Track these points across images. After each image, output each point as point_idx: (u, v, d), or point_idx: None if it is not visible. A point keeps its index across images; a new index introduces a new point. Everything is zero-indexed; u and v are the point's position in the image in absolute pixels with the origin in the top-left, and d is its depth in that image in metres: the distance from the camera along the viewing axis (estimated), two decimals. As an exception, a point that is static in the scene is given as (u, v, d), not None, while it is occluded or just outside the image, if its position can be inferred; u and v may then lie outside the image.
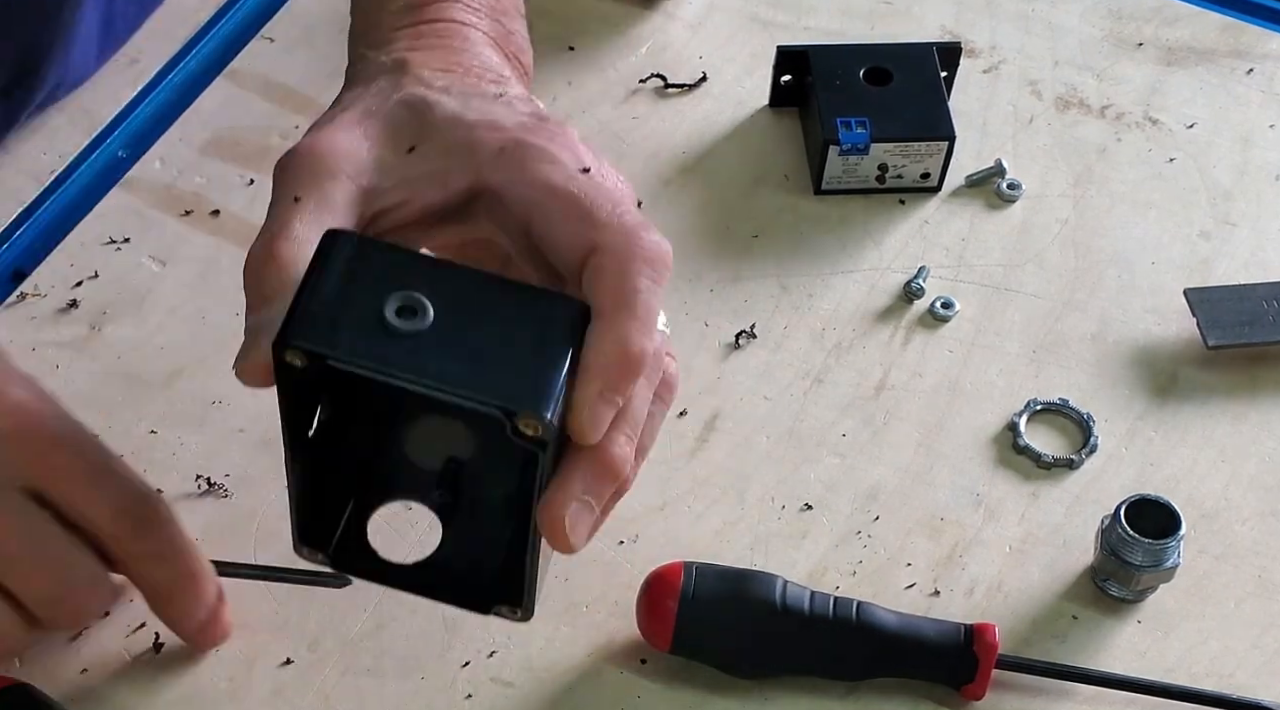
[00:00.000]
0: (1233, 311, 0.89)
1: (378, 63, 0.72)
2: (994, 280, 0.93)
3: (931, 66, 0.96)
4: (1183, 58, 1.03)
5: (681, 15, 1.03)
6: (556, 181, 0.67)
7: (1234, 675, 0.80)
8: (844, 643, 0.77)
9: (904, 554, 0.83)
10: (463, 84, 0.71)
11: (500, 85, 0.72)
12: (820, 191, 0.95)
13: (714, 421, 0.87)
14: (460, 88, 0.71)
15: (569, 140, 0.69)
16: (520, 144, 0.68)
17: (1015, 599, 0.81)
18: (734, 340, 0.90)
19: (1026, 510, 0.84)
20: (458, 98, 0.70)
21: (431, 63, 0.72)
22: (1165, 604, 0.81)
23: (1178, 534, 0.79)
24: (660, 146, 0.97)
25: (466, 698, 0.78)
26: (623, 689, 0.78)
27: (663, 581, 0.77)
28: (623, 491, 0.68)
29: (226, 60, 0.99)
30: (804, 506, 0.84)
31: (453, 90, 0.70)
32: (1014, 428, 0.87)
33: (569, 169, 0.68)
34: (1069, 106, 1.00)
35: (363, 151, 0.68)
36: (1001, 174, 0.96)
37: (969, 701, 0.78)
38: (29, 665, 0.77)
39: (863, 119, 0.94)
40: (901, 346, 0.90)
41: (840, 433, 0.87)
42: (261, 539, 0.81)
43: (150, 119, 0.97)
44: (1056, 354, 0.90)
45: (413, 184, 0.68)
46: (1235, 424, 0.88)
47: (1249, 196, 0.97)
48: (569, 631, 0.80)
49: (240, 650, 0.78)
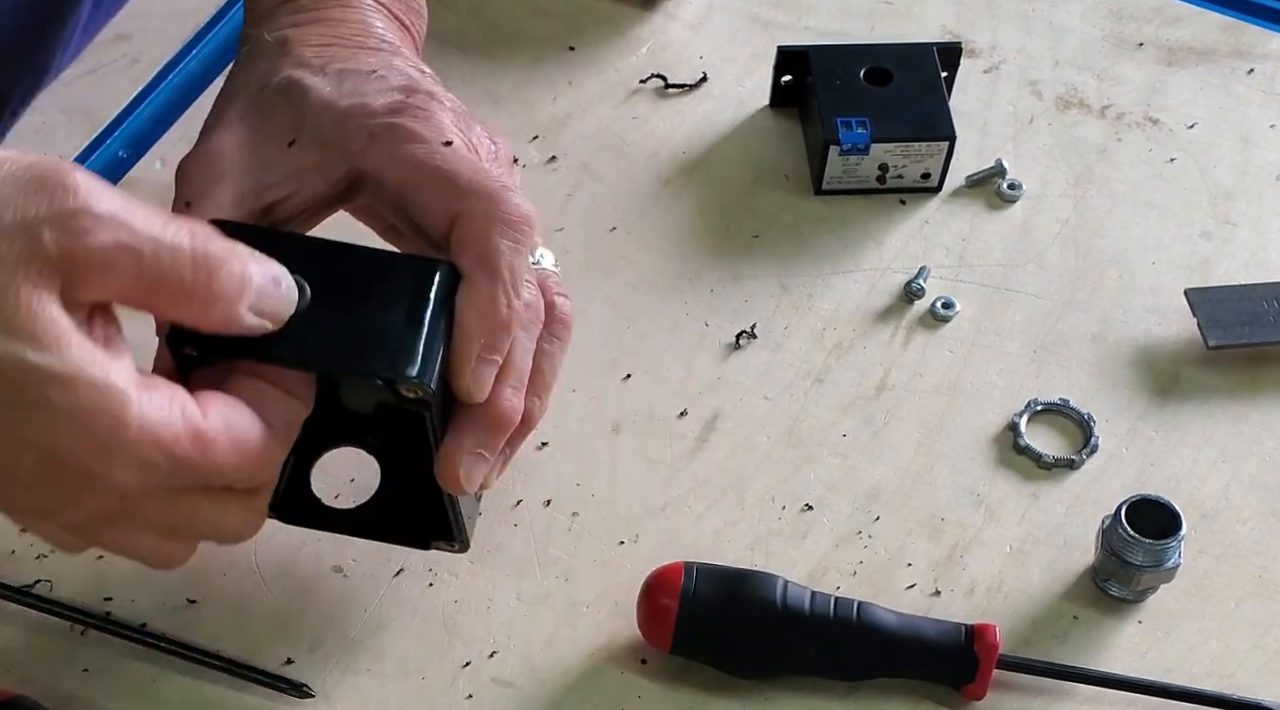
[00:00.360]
0: (1233, 311, 0.89)
1: (261, 42, 0.76)
2: (994, 280, 0.93)
3: (932, 66, 0.96)
4: (1183, 58, 1.03)
5: (681, 15, 1.03)
6: (420, 158, 0.72)
7: (1234, 675, 0.80)
8: (844, 643, 0.77)
9: (904, 554, 0.83)
10: (341, 61, 0.75)
11: (379, 55, 0.76)
12: (820, 191, 0.95)
13: (714, 421, 0.87)
14: (338, 65, 0.75)
15: (433, 115, 0.73)
16: (388, 128, 0.72)
17: (1015, 599, 0.81)
18: (734, 340, 0.90)
19: (1027, 510, 0.84)
20: (333, 79, 0.74)
21: (310, 39, 0.76)
22: (1166, 604, 0.81)
23: (1178, 534, 0.79)
24: (660, 146, 0.97)
25: (467, 698, 0.78)
26: (623, 689, 0.78)
27: (663, 581, 0.77)
28: (526, 432, 0.74)
29: (226, 60, 0.99)
30: (804, 506, 0.84)
31: (329, 70, 0.74)
32: (1014, 428, 0.87)
33: (432, 145, 0.72)
34: (1069, 106, 1.00)
35: (246, 152, 0.73)
36: (1002, 174, 0.96)
37: (969, 701, 0.78)
38: (30, 666, 0.77)
39: (863, 119, 0.94)
40: (902, 346, 0.90)
41: (840, 433, 0.87)
42: (261, 539, 0.81)
43: (150, 119, 0.97)
44: (1057, 354, 0.90)
45: (297, 177, 0.73)
46: (1236, 424, 0.88)
47: (1249, 196, 0.97)
48: (569, 631, 0.80)
49: (241, 651, 0.78)
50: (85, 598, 0.79)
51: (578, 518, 0.83)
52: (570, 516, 0.83)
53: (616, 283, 0.91)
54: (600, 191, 0.95)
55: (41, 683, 0.77)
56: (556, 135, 0.97)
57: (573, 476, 0.84)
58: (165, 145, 0.95)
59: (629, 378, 0.88)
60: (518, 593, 0.81)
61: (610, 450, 0.85)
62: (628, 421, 0.86)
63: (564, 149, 0.96)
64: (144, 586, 0.79)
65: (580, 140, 0.97)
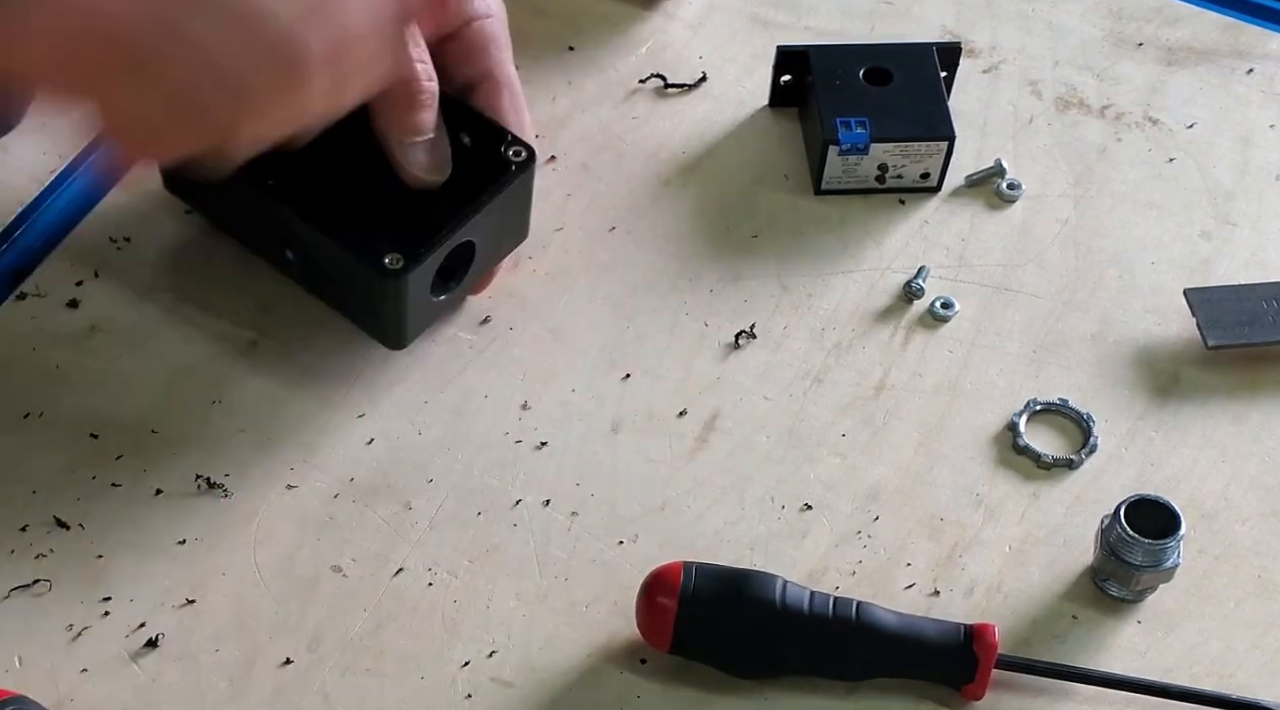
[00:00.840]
0: (1233, 311, 0.89)
1: None
2: (994, 280, 0.93)
3: (931, 66, 0.96)
4: (1183, 58, 1.03)
5: (681, 15, 1.03)
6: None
7: (1234, 675, 0.80)
8: (844, 643, 0.77)
9: (904, 554, 0.83)
10: None
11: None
12: (820, 191, 0.95)
13: (714, 421, 0.87)
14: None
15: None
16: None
17: (1015, 599, 0.81)
18: (734, 340, 0.90)
19: (1026, 510, 0.84)
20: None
21: None
22: (1165, 604, 0.81)
23: (1177, 534, 0.79)
24: (660, 146, 0.97)
25: (466, 697, 0.78)
26: (623, 689, 0.78)
27: (662, 581, 0.77)
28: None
29: (226, 60, 0.99)
30: (804, 506, 0.84)
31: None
32: (1014, 428, 0.87)
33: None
34: (1069, 106, 1.00)
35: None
36: (1001, 174, 0.96)
37: (969, 701, 0.78)
38: (29, 666, 0.77)
39: (863, 119, 0.94)
40: (901, 346, 0.90)
41: (840, 433, 0.87)
42: (261, 539, 0.81)
43: (150, 119, 0.97)
44: (1056, 354, 0.90)
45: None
46: (1235, 424, 0.88)
47: (1249, 196, 0.97)
48: (568, 631, 0.80)
49: (240, 650, 0.78)
50: (84, 597, 0.79)
51: (577, 517, 0.83)
52: (570, 516, 0.83)
53: (616, 283, 0.91)
54: (600, 191, 0.95)
55: (40, 682, 0.77)
56: (556, 135, 0.97)
57: (572, 476, 0.84)
58: (165, 145, 0.95)
59: (628, 378, 0.88)
60: (517, 592, 0.81)
61: (610, 450, 0.85)
62: (627, 421, 0.86)
63: (563, 149, 0.96)
64: (143, 586, 0.79)
65: (579, 140, 0.97)
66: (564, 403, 0.86)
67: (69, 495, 0.82)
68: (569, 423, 0.86)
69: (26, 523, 0.81)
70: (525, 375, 0.87)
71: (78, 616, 0.79)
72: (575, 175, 0.96)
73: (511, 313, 0.90)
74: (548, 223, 0.93)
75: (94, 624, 0.79)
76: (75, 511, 0.82)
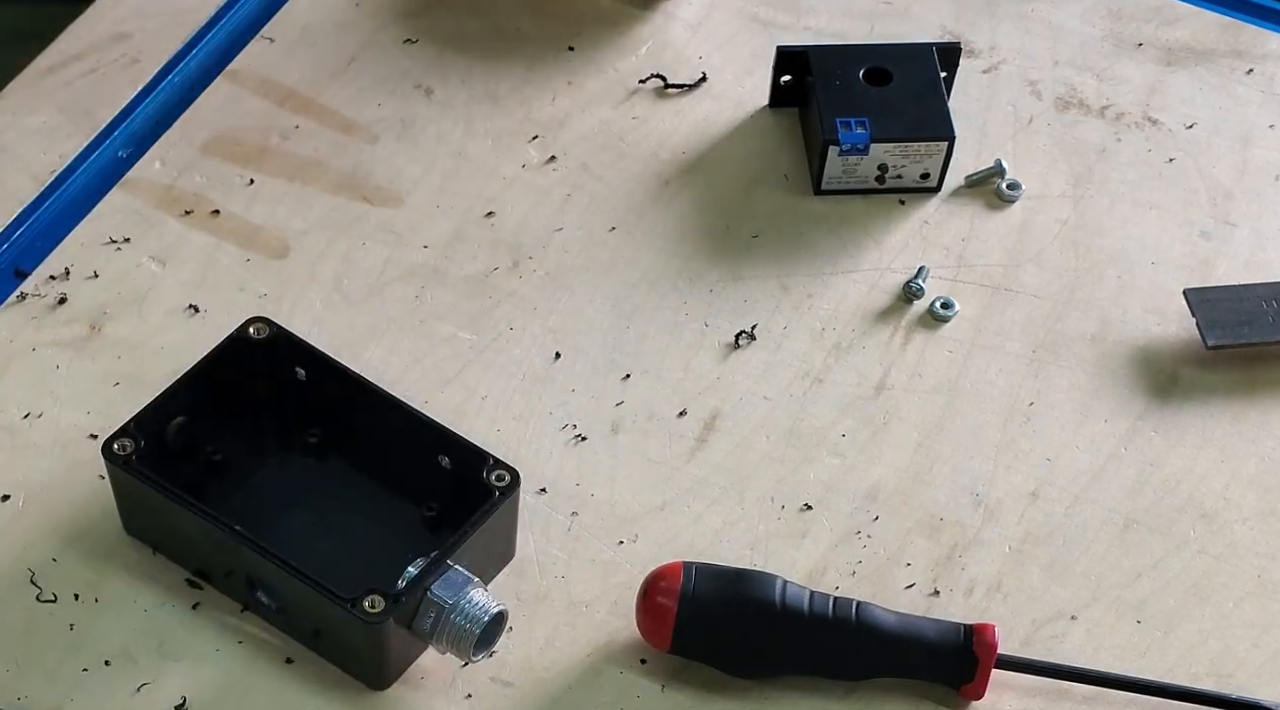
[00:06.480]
0: (1232, 311, 0.89)
1: None
2: (994, 280, 0.93)
3: (931, 66, 0.96)
4: (1183, 58, 1.03)
5: (681, 15, 1.03)
6: None
7: (1234, 675, 0.80)
8: (844, 643, 0.77)
9: (903, 554, 0.83)
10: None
11: None
12: (820, 191, 0.95)
13: (714, 421, 0.87)
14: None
15: None
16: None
17: (1015, 599, 0.82)
18: (734, 340, 0.90)
19: (1026, 510, 0.84)
20: None
21: None
22: (1165, 604, 0.81)
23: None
24: (660, 146, 0.97)
25: (466, 697, 0.78)
26: (623, 689, 0.78)
27: (662, 581, 0.77)
28: None
29: (226, 60, 0.99)
30: (804, 506, 0.84)
31: None
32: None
33: None
34: (1069, 106, 1.00)
35: None
36: (1001, 174, 0.96)
37: (969, 701, 0.78)
38: (27, 667, 0.77)
39: (863, 119, 0.94)
40: (901, 346, 0.90)
41: (840, 433, 0.87)
42: (261, 539, 0.81)
43: (150, 119, 0.97)
44: (1056, 354, 0.90)
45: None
46: (1235, 424, 0.88)
47: (1249, 196, 0.97)
48: (569, 631, 0.80)
49: (241, 651, 0.78)
50: (84, 596, 0.79)
51: (577, 517, 0.83)
52: (570, 516, 0.83)
53: (616, 283, 0.91)
54: (600, 191, 0.95)
55: (39, 683, 0.77)
56: (556, 135, 0.97)
57: (572, 476, 0.84)
58: (165, 145, 0.95)
59: (629, 377, 0.88)
60: (517, 592, 0.81)
61: (610, 450, 0.85)
62: (627, 421, 0.86)
63: (563, 149, 0.97)
64: (144, 585, 0.79)
65: (580, 140, 0.97)
66: (564, 402, 0.86)
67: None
68: (569, 422, 0.86)
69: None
70: (525, 375, 0.88)
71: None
72: (575, 175, 0.96)
73: (511, 313, 0.90)
74: (548, 223, 0.93)
75: (94, 622, 0.79)
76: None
